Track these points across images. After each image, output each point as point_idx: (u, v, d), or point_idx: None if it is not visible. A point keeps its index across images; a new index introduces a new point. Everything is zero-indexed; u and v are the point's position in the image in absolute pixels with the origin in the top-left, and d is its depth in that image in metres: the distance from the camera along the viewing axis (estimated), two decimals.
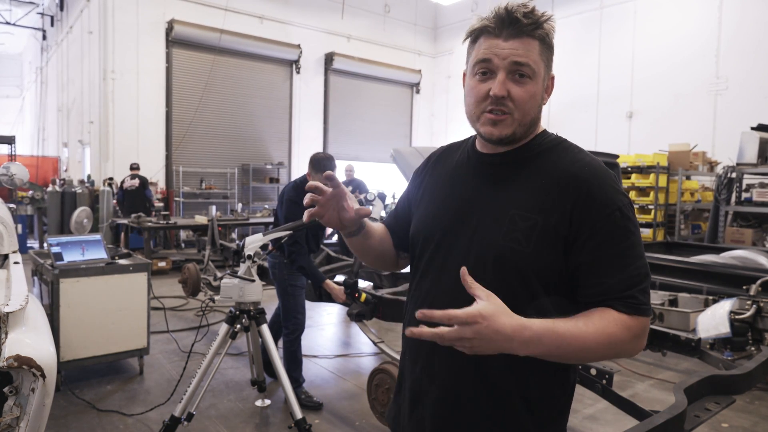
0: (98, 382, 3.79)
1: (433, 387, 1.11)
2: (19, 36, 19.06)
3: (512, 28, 1.00)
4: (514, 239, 1.01)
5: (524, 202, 1.03)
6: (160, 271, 8.10)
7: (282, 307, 3.53)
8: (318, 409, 3.37)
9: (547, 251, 1.00)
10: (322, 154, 3.36)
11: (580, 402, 3.55)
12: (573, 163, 1.05)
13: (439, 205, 1.16)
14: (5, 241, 2.27)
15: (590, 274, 0.99)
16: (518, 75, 1.01)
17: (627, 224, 1.00)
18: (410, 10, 15.40)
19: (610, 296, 0.97)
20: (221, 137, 12.17)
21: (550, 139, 1.11)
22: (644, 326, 0.98)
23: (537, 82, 1.03)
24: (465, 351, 0.90)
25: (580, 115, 11.97)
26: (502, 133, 1.04)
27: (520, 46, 1.00)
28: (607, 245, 0.98)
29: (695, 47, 10.05)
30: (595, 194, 1.00)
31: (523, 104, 1.02)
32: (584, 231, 0.99)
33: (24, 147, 18.82)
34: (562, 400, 1.10)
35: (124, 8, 10.86)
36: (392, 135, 15.20)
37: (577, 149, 1.09)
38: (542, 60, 1.03)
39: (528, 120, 1.05)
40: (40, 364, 1.25)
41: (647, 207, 8.99)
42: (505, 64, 1.00)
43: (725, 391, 1.87)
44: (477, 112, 1.06)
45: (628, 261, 0.98)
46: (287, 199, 3.41)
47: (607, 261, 0.98)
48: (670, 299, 3.99)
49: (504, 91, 1.00)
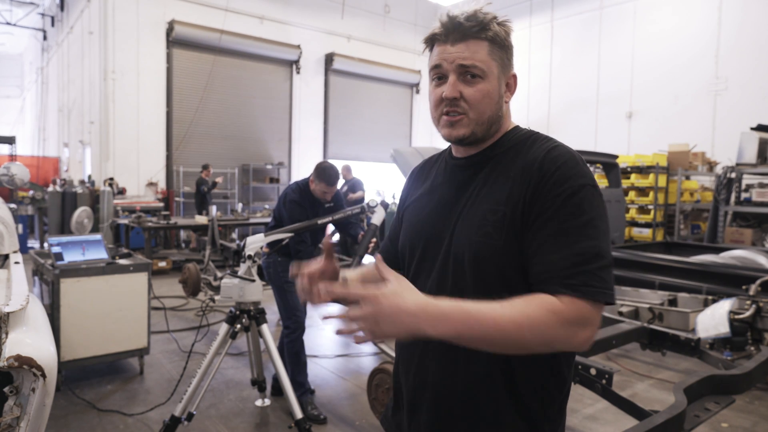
0: (98, 382, 3.79)
1: (427, 393, 1.12)
2: (19, 36, 19.07)
3: (456, 33, 1.04)
4: (486, 234, 1.02)
5: (494, 197, 1.04)
6: (161, 271, 8.10)
7: (281, 307, 3.52)
8: (322, 423, 3.26)
9: (514, 239, 1.00)
10: (328, 164, 3.37)
11: (580, 402, 3.55)
12: (538, 152, 1.04)
13: (422, 215, 1.18)
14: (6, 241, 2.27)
15: (536, 252, 0.96)
16: (470, 76, 1.04)
17: (580, 203, 0.96)
18: (410, 10, 15.41)
19: (553, 274, 0.92)
20: (221, 137, 12.18)
21: (521, 134, 1.12)
22: (585, 312, 0.90)
23: (490, 81, 1.05)
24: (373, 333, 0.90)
25: (580, 116, 11.98)
26: (459, 133, 1.07)
27: (465, 48, 1.03)
28: (554, 222, 0.95)
29: (695, 48, 10.05)
30: (549, 175, 0.98)
31: (476, 103, 1.04)
32: (535, 211, 0.98)
33: (24, 147, 18.85)
34: (557, 400, 1.10)
35: (125, 8, 10.87)
36: (392, 135, 15.22)
37: (545, 139, 1.08)
38: (493, 59, 1.05)
39: (485, 118, 1.06)
40: (40, 363, 1.25)
41: (647, 207, 9.00)
42: (453, 68, 1.04)
43: (725, 390, 1.88)
44: (436, 115, 1.09)
45: (576, 239, 0.93)
46: (290, 200, 3.41)
47: (552, 238, 0.95)
48: (669, 299, 3.99)
49: (455, 93, 1.04)
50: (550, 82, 12.73)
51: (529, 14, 13.19)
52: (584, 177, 0.99)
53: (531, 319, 0.88)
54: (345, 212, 3.29)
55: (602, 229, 0.96)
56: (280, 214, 3.51)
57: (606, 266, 0.94)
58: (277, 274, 3.45)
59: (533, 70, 12.89)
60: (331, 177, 3.31)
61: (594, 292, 0.90)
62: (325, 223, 3.22)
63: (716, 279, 4.11)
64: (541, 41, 12.94)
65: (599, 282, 0.91)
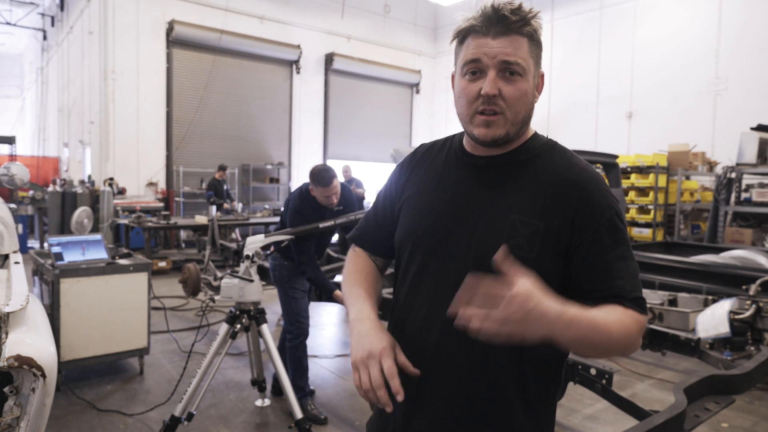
0: (98, 382, 3.79)
1: (434, 397, 1.08)
2: (19, 36, 19.06)
3: (500, 26, 0.99)
4: (516, 245, 0.99)
5: (524, 208, 1.02)
6: (161, 271, 8.10)
7: (285, 311, 3.50)
8: (322, 423, 3.26)
9: (549, 257, 1.01)
10: (320, 166, 3.25)
11: (580, 402, 3.55)
12: (569, 168, 1.05)
13: (429, 208, 1.12)
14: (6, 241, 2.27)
15: (599, 277, 1.01)
16: (509, 73, 1.00)
17: (623, 227, 1.03)
18: (410, 11, 15.40)
19: (623, 296, 0.99)
20: (221, 137, 12.18)
21: (543, 143, 1.11)
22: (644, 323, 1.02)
23: (527, 80, 1.01)
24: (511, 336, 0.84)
25: (580, 116, 11.98)
26: (496, 134, 1.02)
27: (508, 44, 0.99)
28: (611, 248, 1.01)
29: (695, 48, 10.05)
30: (594, 200, 1.02)
31: (514, 102, 1.01)
32: (587, 236, 1.00)
33: (24, 147, 18.84)
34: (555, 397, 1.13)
35: (125, 8, 10.87)
36: (392, 135, 15.22)
37: (570, 154, 1.09)
38: (531, 57, 1.01)
39: (520, 119, 1.03)
40: (40, 364, 1.25)
41: (647, 207, 9.00)
42: (494, 63, 0.99)
43: (725, 391, 1.88)
44: (470, 113, 1.04)
45: (628, 262, 1.02)
46: (292, 209, 3.32)
47: (614, 263, 1.01)
48: (669, 299, 3.99)
49: (495, 90, 0.99)
50: (550, 82, 12.71)
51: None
52: (615, 197, 1.05)
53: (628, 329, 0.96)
54: (348, 217, 3.27)
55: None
56: (284, 219, 3.48)
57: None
58: (282, 278, 3.43)
59: None
60: (324, 178, 3.15)
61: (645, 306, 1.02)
62: (327, 227, 3.19)
63: (716, 279, 4.10)
64: None
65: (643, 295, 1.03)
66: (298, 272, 3.35)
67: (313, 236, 3.28)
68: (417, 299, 1.12)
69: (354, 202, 3.52)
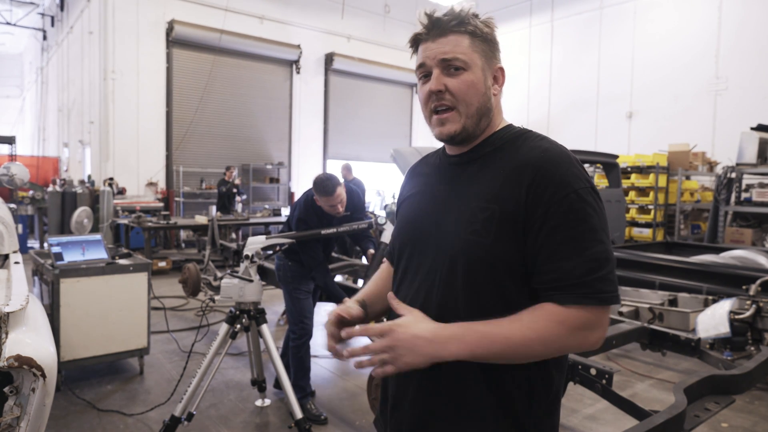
0: (98, 382, 3.79)
1: (410, 388, 1.11)
2: (19, 36, 19.07)
3: (436, 29, 1.06)
4: (474, 231, 1.01)
5: (482, 194, 1.04)
6: (160, 271, 8.10)
7: (288, 311, 3.50)
8: (322, 423, 3.25)
9: (507, 239, 0.99)
10: (323, 175, 3.21)
11: (580, 402, 3.55)
12: (531, 149, 1.04)
13: (413, 212, 1.19)
14: (6, 241, 2.27)
15: (546, 259, 0.96)
16: (453, 69, 1.05)
17: (584, 207, 0.96)
18: (410, 10, 15.38)
19: (567, 282, 0.94)
20: (221, 137, 12.19)
21: (512, 132, 1.11)
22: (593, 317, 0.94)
23: (473, 72, 1.05)
24: (395, 364, 0.97)
25: (580, 116, 11.98)
26: (451, 130, 1.07)
27: (446, 43, 1.05)
28: (562, 228, 0.95)
29: (695, 48, 10.05)
30: (549, 177, 0.97)
31: (462, 95, 1.05)
32: (539, 215, 0.97)
33: (24, 147, 18.84)
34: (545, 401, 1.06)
35: (125, 8, 10.87)
36: (392, 135, 15.22)
37: (538, 137, 1.07)
38: (475, 51, 1.06)
39: (474, 110, 1.06)
40: (40, 364, 1.26)
41: (647, 207, 9.00)
42: (436, 62, 1.05)
43: (725, 391, 1.88)
44: (427, 113, 1.10)
45: (585, 245, 0.95)
46: (297, 217, 3.30)
47: (562, 245, 0.95)
48: (669, 299, 3.99)
49: (440, 86, 1.05)
50: (550, 82, 12.73)
51: (529, 14, 13.19)
52: (583, 179, 0.99)
53: (539, 333, 0.94)
54: (351, 226, 3.27)
55: (606, 231, 0.99)
56: (290, 224, 3.45)
57: (613, 268, 0.98)
58: (287, 278, 3.42)
59: (533, 70, 12.90)
60: (327, 187, 3.12)
61: (606, 298, 0.95)
62: (329, 234, 3.19)
63: (716, 279, 4.10)
64: (541, 41, 12.94)
65: (609, 285, 0.95)
66: (303, 273, 3.35)
67: (319, 241, 3.26)
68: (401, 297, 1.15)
69: (362, 207, 3.50)
